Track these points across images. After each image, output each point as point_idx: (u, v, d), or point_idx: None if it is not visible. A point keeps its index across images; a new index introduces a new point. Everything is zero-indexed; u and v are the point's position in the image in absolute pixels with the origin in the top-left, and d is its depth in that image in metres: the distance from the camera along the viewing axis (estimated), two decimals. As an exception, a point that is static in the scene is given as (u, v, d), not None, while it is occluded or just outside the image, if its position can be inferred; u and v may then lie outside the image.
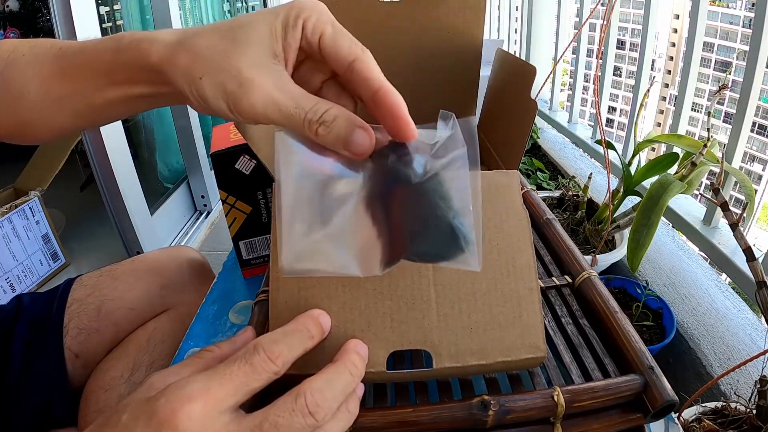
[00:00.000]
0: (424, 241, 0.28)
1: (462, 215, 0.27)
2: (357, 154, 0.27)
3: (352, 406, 0.27)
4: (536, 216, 0.49)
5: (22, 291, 1.25)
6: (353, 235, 0.27)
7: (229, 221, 0.57)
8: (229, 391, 0.24)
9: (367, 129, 0.27)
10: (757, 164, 23.99)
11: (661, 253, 1.03)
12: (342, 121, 0.27)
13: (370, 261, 0.28)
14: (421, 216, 0.27)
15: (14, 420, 0.53)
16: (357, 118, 0.27)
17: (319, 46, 0.27)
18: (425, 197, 0.27)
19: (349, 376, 0.27)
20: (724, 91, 0.82)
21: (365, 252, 0.28)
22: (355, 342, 0.30)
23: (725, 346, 0.78)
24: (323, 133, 0.27)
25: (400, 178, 0.27)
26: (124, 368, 0.58)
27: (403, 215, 0.28)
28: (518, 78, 0.49)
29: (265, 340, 0.26)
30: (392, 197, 0.28)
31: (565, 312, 0.39)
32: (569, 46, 1.32)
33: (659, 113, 26.35)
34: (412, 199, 0.27)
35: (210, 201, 1.71)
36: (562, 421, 0.30)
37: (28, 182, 1.34)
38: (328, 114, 0.27)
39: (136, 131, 1.56)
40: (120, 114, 0.32)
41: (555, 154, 1.64)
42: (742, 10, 24.52)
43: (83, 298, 0.60)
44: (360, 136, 0.27)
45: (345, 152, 0.27)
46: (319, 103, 0.27)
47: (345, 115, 0.27)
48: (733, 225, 0.53)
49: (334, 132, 0.27)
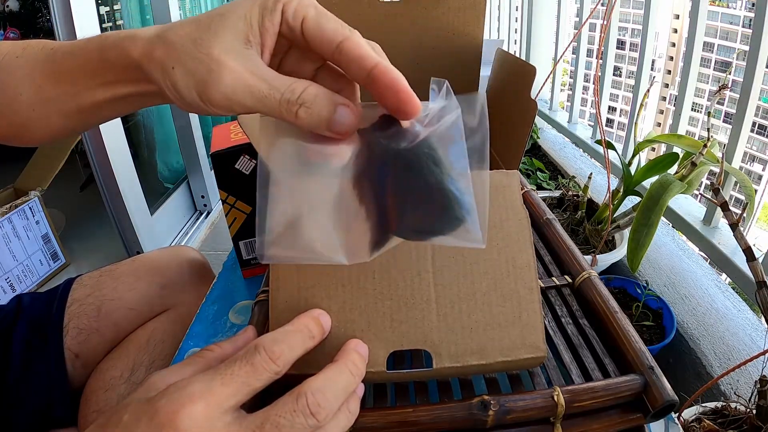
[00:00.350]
0: (417, 213, 0.25)
1: (457, 180, 0.24)
2: (341, 134, 0.26)
3: (352, 406, 0.27)
4: (536, 216, 0.49)
5: (22, 291, 1.25)
6: (338, 219, 0.26)
7: (229, 221, 0.57)
8: (230, 392, 0.24)
9: (349, 105, 0.25)
10: (757, 164, 23.99)
11: (661, 253, 1.03)
12: (322, 99, 0.25)
13: (357, 246, 0.26)
14: (412, 186, 0.25)
15: (14, 420, 0.53)
16: (337, 95, 0.26)
17: (302, 31, 0.26)
18: (416, 164, 0.25)
19: (350, 375, 0.27)
20: (724, 91, 0.82)
21: (352, 236, 0.26)
22: (355, 342, 0.30)
23: (725, 346, 0.78)
24: (304, 115, 0.25)
25: (388, 151, 0.25)
26: (124, 368, 0.58)
27: (394, 189, 0.25)
28: (518, 78, 0.49)
29: (266, 340, 0.26)
30: (381, 173, 0.25)
31: (565, 312, 0.39)
32: (569, 46, 1.32)
33: (659, 113, 26.34)
34: (401, 170, 0.25)
35: (210, 201, 1.71)
36: (562, 421, 0.30)
37: (28, 182, 1.34)
38: (306, 93, 0.25)
39: (136, 131, 1.56)
40: (111, 115, 0.31)
41: (555, 154, 1.64)
42: (742, 10, 24.52)
43: (83, 298, 0.60)
44: (343, 114, 0.25)
45: (328, 133, 0.26)
46: (295, 83, 0.25)
47: (324, 93, 0.25)
48: (733, 225, 0.53)
49: (316, 112, 0.25)
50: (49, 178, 1.36)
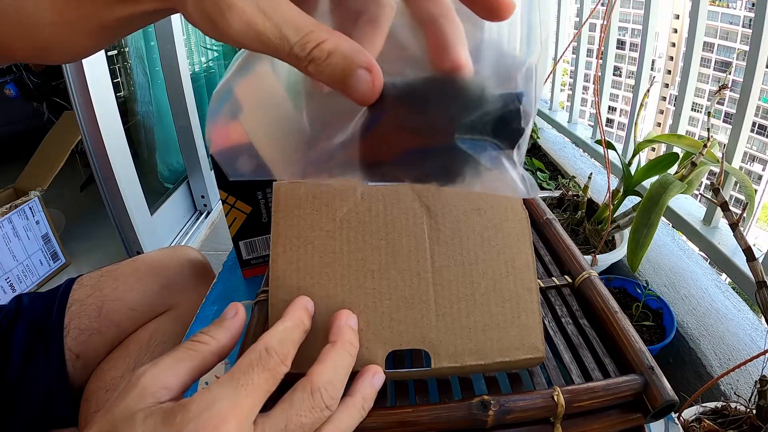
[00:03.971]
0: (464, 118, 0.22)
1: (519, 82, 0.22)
2: (358, 101, 0.22)
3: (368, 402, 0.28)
4: (536, 216, 0.49)
5: (22, 291, 1.25)
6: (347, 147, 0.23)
7: (229, 221, 0.57)
8: (255, 402, 0.24)
9: (372, 69, 0.21)
10: (757, 164, 24.00)
11: (661, 253, 1.03)
12: (338, 58, 0.21)
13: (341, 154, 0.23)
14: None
15: (14, 420, 0.53)
16: (362, 53, 0.21)
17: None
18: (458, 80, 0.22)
19: (350, 357, 0.28)
20: (724, 91, 0.82)
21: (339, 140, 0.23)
22: (345, 314, 0.30)
23: (725, 346, 0.78)
24: (314, 71, 0.21)
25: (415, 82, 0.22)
26: (125, 368, 0.58)
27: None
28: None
29: (273, 341, 0.26)
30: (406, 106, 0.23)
31: (565, 312, 0.39)
32: (569, 46, 1.32)
33: (659, 113, 26.35)
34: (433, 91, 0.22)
35: (210, 201, 1.72)
36: (562, 421, 0.30)
37: (28, 182, 1.34)
38: (319, 49, 0.21)
39: (136, 131, 1.56)
40: (133, 30, 0.30)
41: (555, 154, 1.64)
42: (742, 10, 24.52)
43: (84, 299, 0.60)
44: (360, 80, 0.21)
45: (344, 95, 0.22)
46: (309, 34, 0.21)
47: (343, 51, 0.21)
48: (733, 225, 0.53)
49: (327, 72, 0.21)
50: (49, 178, 1.36)
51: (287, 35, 0.21)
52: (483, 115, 0.22)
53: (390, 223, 0.33)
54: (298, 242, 0.32)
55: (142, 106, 1.55)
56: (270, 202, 0.56)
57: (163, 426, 0.22)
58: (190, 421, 0.22)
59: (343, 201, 0.33)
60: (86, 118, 1.12)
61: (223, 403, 0.23)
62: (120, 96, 1.47)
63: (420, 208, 0.33)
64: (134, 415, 0.23)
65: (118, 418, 0.23)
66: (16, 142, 1.70)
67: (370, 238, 0.32)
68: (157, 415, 0.23)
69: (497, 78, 0.23)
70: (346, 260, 0.32)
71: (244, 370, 0.25)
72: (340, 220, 0.33)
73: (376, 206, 0.33)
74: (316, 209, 0.33)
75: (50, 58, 0.29)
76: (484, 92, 0.22)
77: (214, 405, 0.23)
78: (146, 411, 0.23)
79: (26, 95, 1.89)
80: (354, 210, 0.33)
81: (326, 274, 0.32)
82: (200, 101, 1.65)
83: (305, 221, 0.33)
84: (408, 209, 0.33)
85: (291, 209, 0.33)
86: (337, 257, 0.32)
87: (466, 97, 0.22)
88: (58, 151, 1.38)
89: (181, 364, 0.26)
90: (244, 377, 0.24)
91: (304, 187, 0.33)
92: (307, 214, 0.33)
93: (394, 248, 0.32)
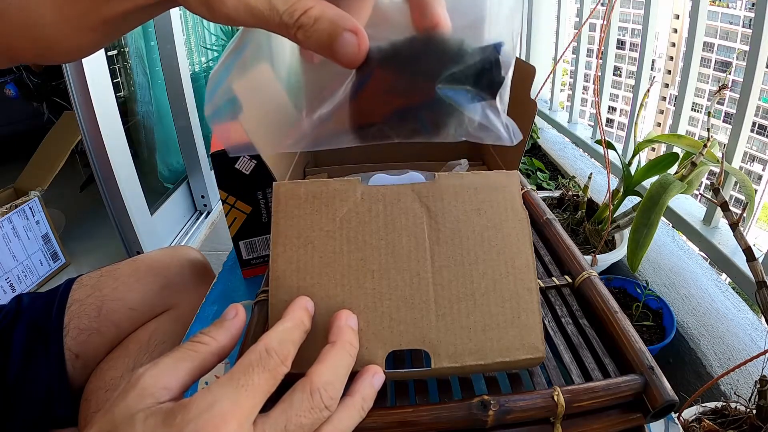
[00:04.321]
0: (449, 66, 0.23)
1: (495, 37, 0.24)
2: (345, 63, 0.24)
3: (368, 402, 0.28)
4: (536, 216, 0.49)
5: (22, 291, 1.25)
6: None
7: (229, 221, 0.57)
8: (255, 403, 0.24)
9: (357, 32, 0.23)
10: (757, 164, 24.00)
11: (661, 253, 1.03)
12: (324, 23, 0.23)
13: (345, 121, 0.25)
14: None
15: (14, 420, 0.53)
16: (348, 18, 0.23)
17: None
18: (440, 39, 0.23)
19: (349, 358, 0.28)
20: (724, 91, 0.82)
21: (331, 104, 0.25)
22: (345, 314, 0.30)
23: (725, 346, 0.78)
24: (302, 38, 0.23)
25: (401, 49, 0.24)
26: (124, 368, 0.58)
27: None
28: (518, 78, 0.49)
29: (273, 342, 0.26)
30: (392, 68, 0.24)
31: (565, 312, 0.39)
32: (569, 46, 1.32)
33: (659, 113, 26.36)
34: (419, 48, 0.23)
35: (210, 201, 1.72)
36: (562, 421, 0.30)
37: (28, 182, 1.34)
38: (306, 16, 0.23)
39: (136, 131, 1.56)
40: (132, 25, 0.31)
41: (555, 154, 1.64)
42: (742, 10, 24.52)
43: (83, 299, 0.60)
44: (346, 42, 0.23)
45: (332, 60, 0.24)
46: (297, 2, 0.23)
47: (329, 16, 0.23)
48: (733, 225, 0.53)
49: (315, 37, 0.23)
50: (49, 178, 1.36)
51: (276, 6, 0.23)
52: (464, 68, 0.24)
53: (390, 223, 0.33)
54: (298, 242, 0.32)
55: (142, 106, 1.55)
56: (270, 202, 0.56)
57: (163, 426, 0.22)
58: (190, 421, 0.22)
59: (343, 201, 0.33)
60: (86, 118, 1.13)
61: (223, 403, 0.23)
62: (120, 96, 1.47)
63: (420, 208, 0.33)
64: (134, 416, 0.23)
65: (118, 418, 0.23)
66: (16, 142, 1.70)
67: (370, 238, 0.32)
68: (157, 415, 0.23)
69: (474, 31, 0.24)
70: (346, 260, 0.32)
71: (244, 370, 0.25)
72: (340, 220, 0.33)
73: (376, 206, 0.33)
74: (316, 209, 0.33)
75: (52, 57, 0.29)
76: (463, 46, 0.24)
77: (215, 405, 0.23)
78: (146, 411, 0.23)
79: (26, 95, 1.89)
80: (354, 210, 0.33)
81: (326, 274, 0.32)
82: (200, 101, 1.65)
83: (305, 221, 0.33)
84: (408, 209, 0.33)
85: (291, 209, 0.33)
86: (337, 257, 0.32)
87: (445, 52, 0.24)
88: (58, 151, 1.38)
89: (181, 364, 0.26)
90: (244, 378, 0.24)
91: (304, 187, 0.33)
92: (307, 214, 0.33)
93: (394, 248, 0.32)
